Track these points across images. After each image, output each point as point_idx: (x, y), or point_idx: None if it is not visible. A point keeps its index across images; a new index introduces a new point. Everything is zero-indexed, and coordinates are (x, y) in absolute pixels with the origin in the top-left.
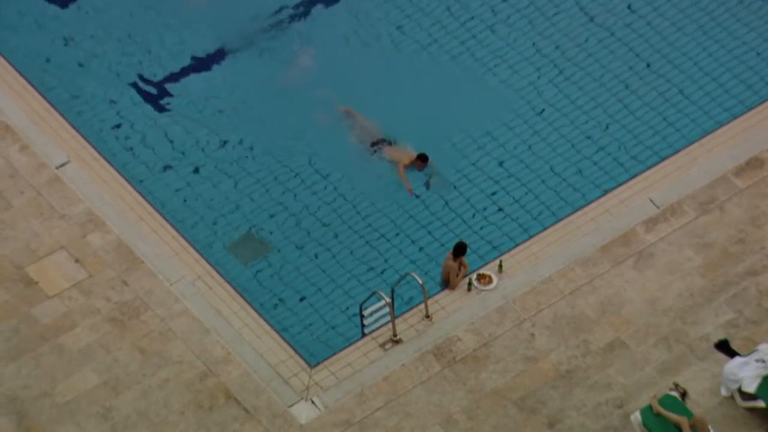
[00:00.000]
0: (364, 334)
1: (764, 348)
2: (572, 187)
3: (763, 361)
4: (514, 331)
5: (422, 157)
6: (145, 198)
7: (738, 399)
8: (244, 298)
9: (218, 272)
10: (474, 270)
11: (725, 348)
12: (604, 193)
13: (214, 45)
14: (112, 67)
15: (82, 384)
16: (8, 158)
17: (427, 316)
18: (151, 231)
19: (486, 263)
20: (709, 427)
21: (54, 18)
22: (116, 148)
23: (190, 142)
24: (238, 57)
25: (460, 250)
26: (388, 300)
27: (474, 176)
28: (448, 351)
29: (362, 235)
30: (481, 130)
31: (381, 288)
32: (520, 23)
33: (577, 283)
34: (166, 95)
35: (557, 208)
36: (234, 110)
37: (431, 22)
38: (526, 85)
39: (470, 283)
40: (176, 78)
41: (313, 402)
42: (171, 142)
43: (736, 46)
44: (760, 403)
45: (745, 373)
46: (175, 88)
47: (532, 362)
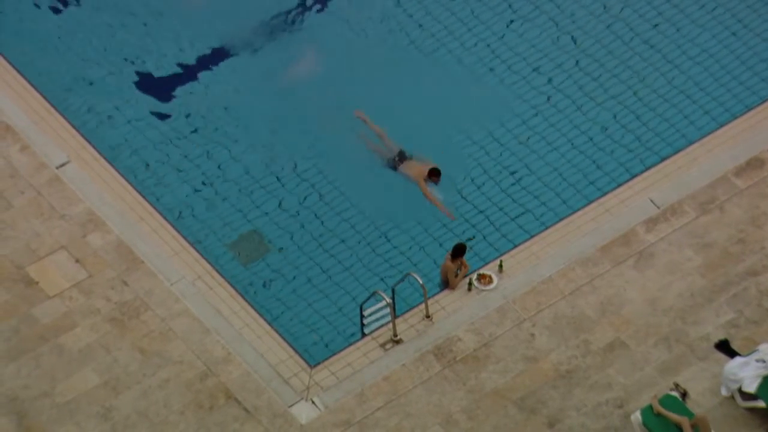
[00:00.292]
0: (364, 334)
1: (764, 348)
2: (573, 187)
3: (764, 361)
4: (514, 331)
5: (433, 172)
6: (145, 198)
7: (738, 399)
8: (244, 298)
9: (218, 272)
10: (474, 270)
11: (725, 348)
12: (604, 194)
13: (216, 45)
14: (112, 67)
15: (83, 384)
16: (8, 158)
17: (428, 316)
18: (152, 231)
19: (486, 263)
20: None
21: (54, 18)
22: (116, 148)
23: (191, 142)
24: (238, 57)
25: (459, 251)
26: (389, 300)
27: (474, 176)
28: (448, 351)
29: (363, 236)
30: (481, 131)
31: (381, 288)
32: (519, 22)
33: (577, 283)
34: (167, 95)
35: (557, 208)
36: (235, 110)
37: (440, 26)
38: (527, 85)
39: (470, 283)
40: (177, 77)
41: (313, 402)
42: (172, 142)
43: (737, 47)
44: (761, 403)
45: (746, 373)
46: (177, 88)
47: (533, 362)
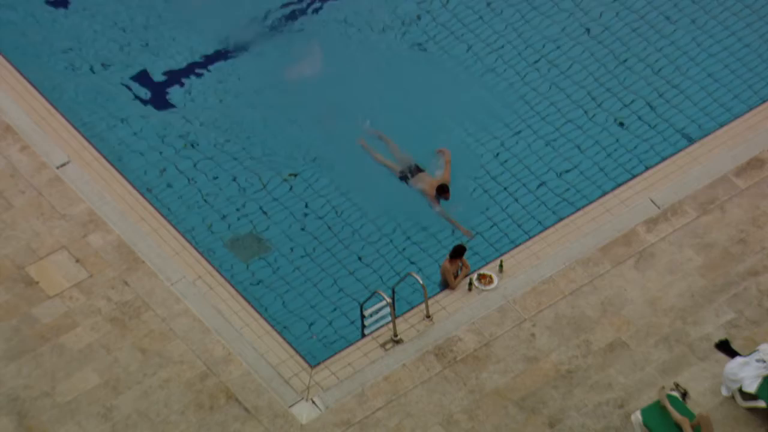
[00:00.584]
0: (364, 334)
1: (765, 348)
2: (573, 187)
3: (764, 361)
4: (514, 331)
5: (442, 189)
6: (145, 198)
7: (739, 399)
8: (244, 298)
9: (219, 272)
10: (475, 270)
11: (726, 348)
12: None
13: (216, 45)
14: (113, 67)
15: (83, 384)
16: (9, 158)
17: (428, 316)
18: (152, 231)
19: (487, 263)
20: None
21: (55, 18)
22: (117, 147)
23: (192, 142)
24: (238, 57)
25: (458, 252)
26: (389, 300)
27: (475, 176)
28: (448, 351)
29: (363, 236)
30: (481, 131)
31: (382, 288)
32: (519, 22)
33: (577, 283)
34: (168, 95)
35: (558, 208)
36: (236, 110)
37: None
38: (527, 85)
39: (471, 283)
40: (179, 78)
41: (313, 402)
42: (173, 142)
43: (739, 47)
44: (761, 404)
45: (746, 373)
46: (178, 87)
47: (533, 362)
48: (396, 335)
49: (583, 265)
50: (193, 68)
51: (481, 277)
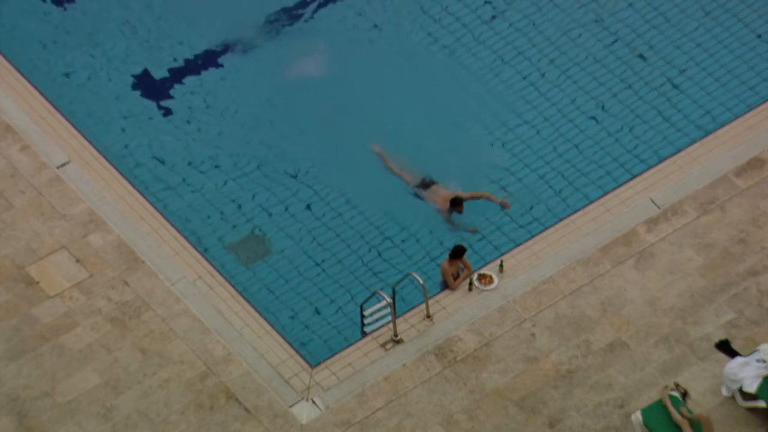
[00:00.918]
0: (364, 334)
1: (765, 348)
2: (573, 187)
3: (764, 361)
4: (514, 331)
5: (455, 202)
6: (145, 198)
7: (739, 399)
8: (244, 298)
9: (219, 272)
10: (475, 270)
11: (726, 348)
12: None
13: (217, 46)
14: (113, 67)
15: (83, 384)
16: (9, 158)
17: (428, 316)
18: (152, 231)
19: (487, 263)
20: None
21: (55, 18)
22: (117, 147)
23: (192, 142)
24: (238, 57)
25: (457, 252)
26: (389, 300)
27: (475, 176)
28: (449, 351)
29: (363, 235)
30: (482, 131)
31: (382, 288)
32: (520, 23)
33: (577, 283)
34: (168, 95)
35: (558, 208)
36: (236, 109)
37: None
38: (527, 85)
39: (471, 283)
40: (179, 77)
41: (314, 402)
42: (173, 143)
43: (738, 46)
44: (761, 404)
45: (746, 373)
46: (178, 87)
47: (533, 362)
48: (396, 335)
49: (583, 265)
50: (194, 67)
51: (482, 277)
